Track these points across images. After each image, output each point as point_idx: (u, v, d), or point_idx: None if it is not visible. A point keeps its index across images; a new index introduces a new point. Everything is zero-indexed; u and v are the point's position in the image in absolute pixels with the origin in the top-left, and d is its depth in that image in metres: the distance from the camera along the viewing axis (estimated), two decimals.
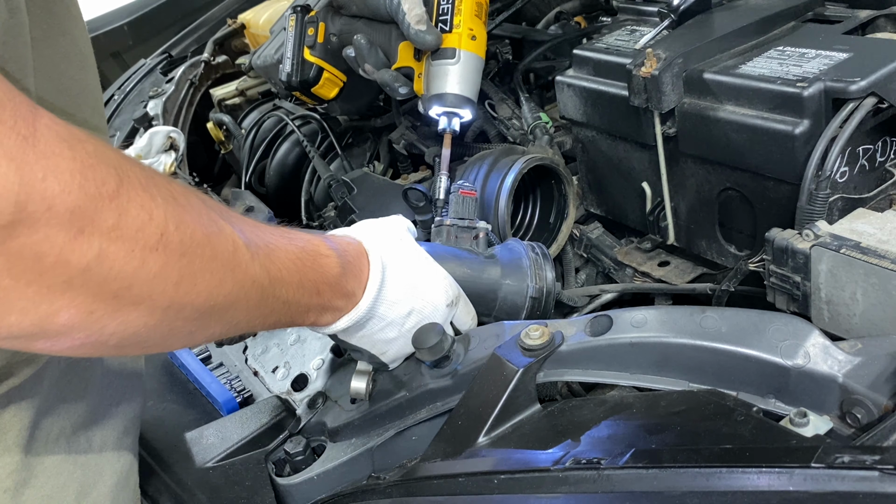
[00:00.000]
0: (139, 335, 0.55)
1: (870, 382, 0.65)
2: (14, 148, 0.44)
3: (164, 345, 0.62)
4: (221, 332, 0.64)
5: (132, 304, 0.53)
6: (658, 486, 0.60)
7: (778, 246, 0.80)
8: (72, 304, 0.49)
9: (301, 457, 0.89)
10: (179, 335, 0.60)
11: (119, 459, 0.80)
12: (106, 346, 0.55)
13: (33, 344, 0.52)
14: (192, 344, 0.66)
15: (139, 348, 0.61)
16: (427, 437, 0.81)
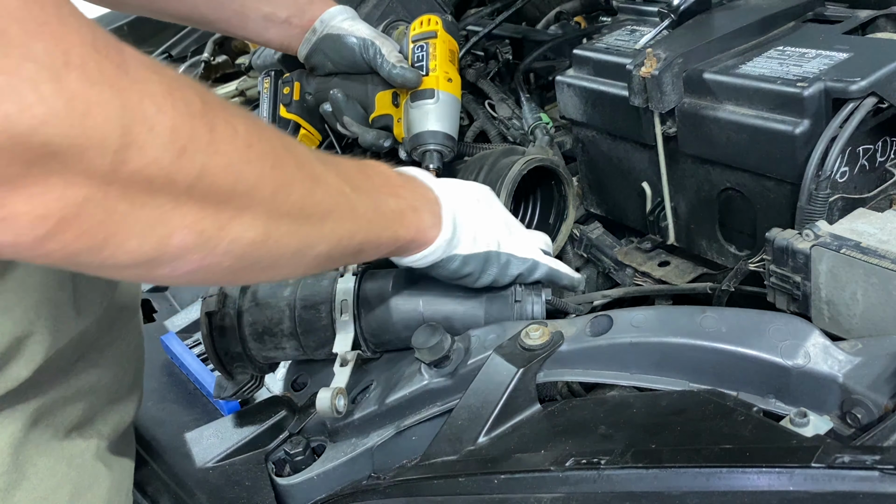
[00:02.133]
0: (248, 254, 0.57)
1: (870, 382, 0.65)
2: (112, 76, 0.45)
3: (275, 266, 0.63)
4: (327, 250, 0.66)
5: (237, 216, 0.55)
6: (658, 486, 0.60)
7: (778, 246, 0.80)
8: (183, 223, 0.51)
9: (301, 457, 0.89)
10: (286, 253, 0.62)
11: (114, 463, 0.79)
12: (221, 269, 0.57)
13: (154, 271, 0.53)
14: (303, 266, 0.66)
15: (253, 271, 0.61)
16: (427, 437, 0.81)
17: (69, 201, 0.45)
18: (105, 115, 0.45)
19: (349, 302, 0.92)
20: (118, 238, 0.49)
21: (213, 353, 0.95)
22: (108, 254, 0.49)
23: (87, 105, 0.44)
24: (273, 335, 0.95)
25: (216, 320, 0.95)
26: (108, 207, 0.47)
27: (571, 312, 0.98)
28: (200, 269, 0.55)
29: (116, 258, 0.50)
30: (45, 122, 0.42)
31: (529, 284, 0.93)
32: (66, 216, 0.46)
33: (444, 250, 0.82)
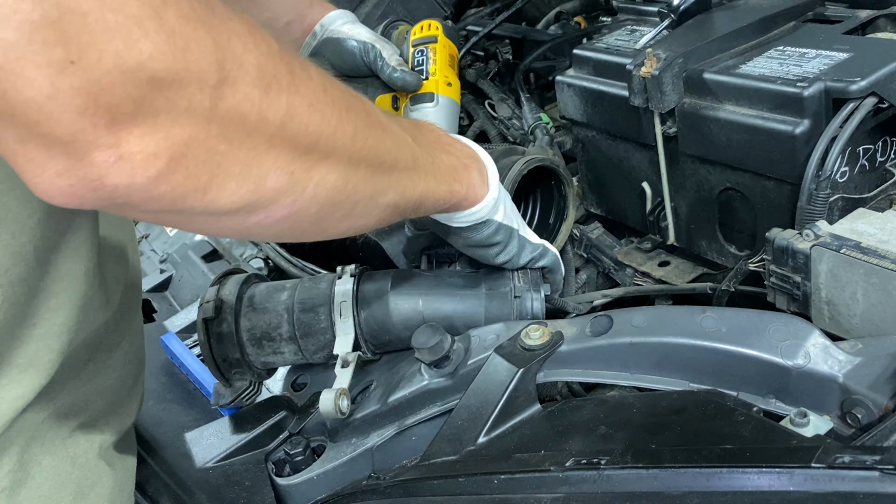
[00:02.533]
0: (331, 199, 0.61)
1: (870, 382, 0.65)
2: (203, 13, 0.48)
3: (352, 214, 0.66)
4: (395, 199, 0.70)
5: (322, 158, 0.58)
6: (658, 486, 0.60)
7: (778, 246, 0.80)
8: (276, 164, 0.54)
9: (301, 457, 0.88)
10: (362, 199, 0.65)
11: (117, 462, 0.79)
12: (307, 217, 0.60)
13: (250, 217, 0.56)
14: (374, 216, 0.69)
15: (333, 219, 0.65)
16: (427, 437, 0.81)
17: (176, 140, 0.48)
18: (201, 51, 0.47)
19: (348, 303, 0.92)
20: (220, 179, 0.51)
21: (210, 360, 0.94)
22: (211, 197, 0.52)
23: (185, 41, 0.46)
24: (271, 340, 0.94)
25: (213, 327, 0.94)
26: (210, 147, 0.50)
27: (570, 311, 0.98)
28: (291, 215, 0.58)
29: (219, 202, 0.52)
30: (151, 58, 0.44)
31: (528, 281, 0.93)
32: (175, 155, 0.48)
33: (490, 211, 0.86)
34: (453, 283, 0.95)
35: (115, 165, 0.46)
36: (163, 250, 1.61)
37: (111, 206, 0.50)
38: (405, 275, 0.98)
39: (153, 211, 0.52)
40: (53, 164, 0.46)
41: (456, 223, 0.87)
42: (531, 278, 0.94)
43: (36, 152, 0.45)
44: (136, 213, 0.54)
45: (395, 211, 0.72)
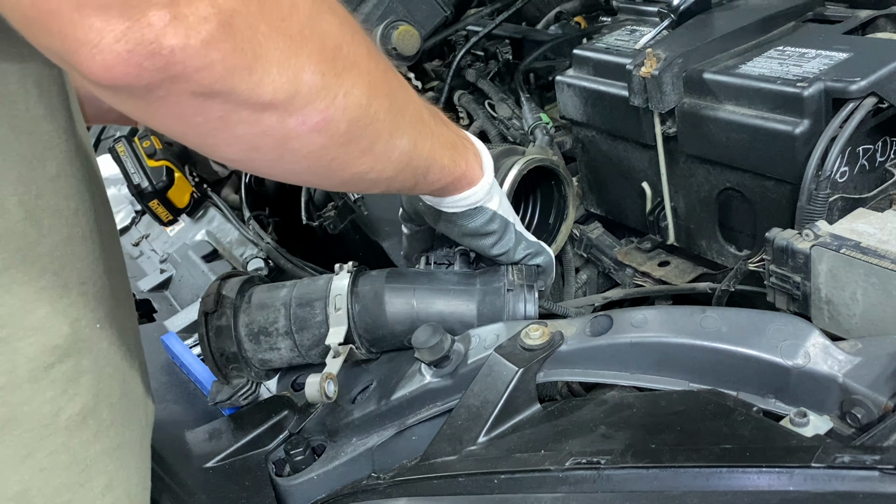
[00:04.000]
0: (359, 118, 0.64)
1: (870, 382, 0.65)
2: None
3: (373, 149, 0.68)
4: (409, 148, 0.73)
5: (346, 69, 0.61)
6: (658, 486, 0.60)
7: (778, 246, 0.80)
8: (309, 59, 0.58)
9: (301, 457, 0.89)
10: (384, 134, 0.69)
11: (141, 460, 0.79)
12: (338, 133, 0.63)
13: (288, 119, 0.59)
14: (392, 160, 0.72)
15: (360, 147, 0.67)
16: (427, 437, 0.81)
17: (223, 8, 0.51)
18: None
19: (343, 297, 0.93)
20: (263, 62, 0.54)
21: (208, 354, 0.95)
22: (256, 79, 0.54)
23: None
24: (268, 335, 0.95)
25: (213, 320, 0.95)
26: (252, 24, 0.53)
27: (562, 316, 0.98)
28: (324, 124, 0.61)
29: (262, 87, 0.55)
30: None
31: (522, 277, 0.93)
32: (223, 22, 0.51)
33: (485, 196, 0.87)
34: (447, 280, 0.95)
35: (170, 25, 0.49)
36: (163, 250, 1.62)
37: (166, 79, 0.51)
38: (401, 271, 0.98)
39: (204, 91, 0.53)
40: (111, 28, 0.48)
41: (452, 208, 0.87)
42: (525, 273, 0.94)
43: (94, 17, 0.47)
44: (185, 100, 0.54)
45: (408, 165, 0.74)
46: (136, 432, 0.77)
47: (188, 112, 0.56)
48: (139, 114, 0.57)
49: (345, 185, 0.72)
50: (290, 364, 0.98)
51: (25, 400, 0.64)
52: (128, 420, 0.76)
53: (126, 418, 0.75)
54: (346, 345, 0.91)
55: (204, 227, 1.61)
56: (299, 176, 0.69)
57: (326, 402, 0.84)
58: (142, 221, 1.79)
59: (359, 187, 0.74)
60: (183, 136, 0.60)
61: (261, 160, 0.63)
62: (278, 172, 0.67)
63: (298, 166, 0.65)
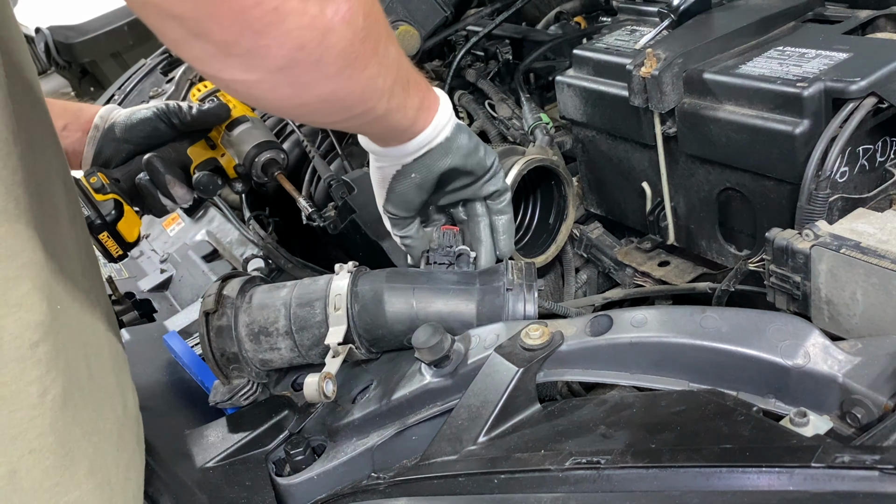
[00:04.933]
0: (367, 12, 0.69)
1: (870, 382, 0.65)
2: None
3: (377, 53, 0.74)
4: (396, 54, 0.79)
5: None
6: (658, 486, 0.60)
7: (778, 246, 0.80)
8: None
9: (301, 457, 0.89)
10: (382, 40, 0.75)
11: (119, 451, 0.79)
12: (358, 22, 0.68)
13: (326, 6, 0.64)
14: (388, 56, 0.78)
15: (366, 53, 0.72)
16: (427, 437, 0.81)
17: None
18: None
19: (343, 296, 0.93)
20: None
21: (209, 354, 0.95)
22: None
23: None
24: (268, 335, 0.95)
25: (213, 320, 0.95)
26: None
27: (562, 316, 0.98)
28: (349, 12, 0.66)
29: None
30: None
31: (522, 276, 0.93)
32: None
33: (451, 115, 0.93)
34: (447, 279, 0.95)
35: None
36: (163, 250, 1.62)
37: None
38: (401, 271, 0.99)
39: None
40: None
41: (432, 140, 0.91)
42: (525, 273, 0.94)
43: None
44: None
45: (398, 73, 0.81)
46: (109, 420, 0.77)
47: (249, 2, 0.60)
48: (199, 14, 0.60)
49: (363, 97, 0.77)
50: (291, 364, 0.98)
51: (13, 379, 0.64)
52: (100, 406, 0.75)
53: (98, 404, 0.75)
54: (346, 344, 0.91)
55: (204, 227, 1.61)
56: (331, 82, 0.72)
57: (325, 401, 0.84)
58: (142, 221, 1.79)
59: (373, 100, 0.79)
60: (237, 38, 0.63)
61: (304, 62, 0.67)
62: (315, 78, 0.71)
63: (332, 67, 0.70)
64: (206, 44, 0.63)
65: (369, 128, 0.90)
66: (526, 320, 0.88)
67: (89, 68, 4.59)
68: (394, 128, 0.89)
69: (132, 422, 0.83)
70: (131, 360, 0.91)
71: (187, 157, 1.22)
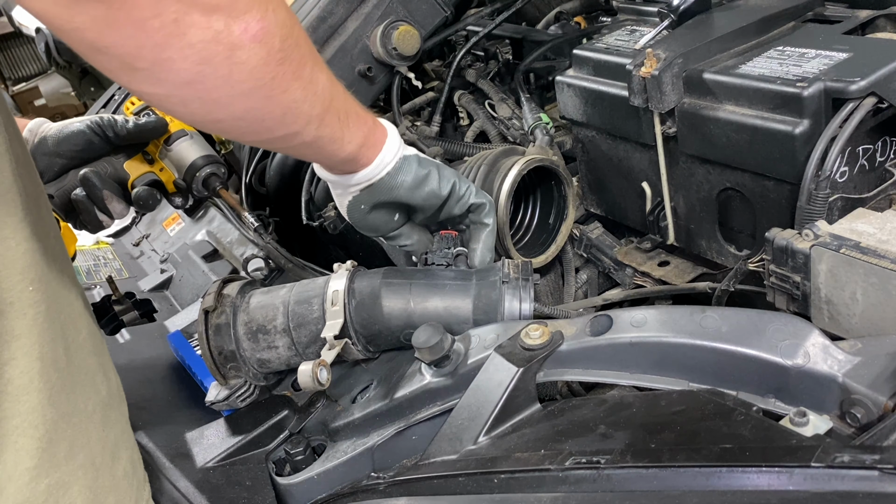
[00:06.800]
0: (285, 35, 0.68)
1: (870, 382, 0.65)
2: None
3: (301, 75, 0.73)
4: (326, 85, 0.77)
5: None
6: (658, 486, 0.60)
7: (778, 246, 0.81)
8: None
9: (301, 456, 0.89)
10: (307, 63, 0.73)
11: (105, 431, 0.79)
12: (273, 49, 0.67)
13: (234, 23, 0.63)
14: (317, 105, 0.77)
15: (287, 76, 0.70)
16: (427, 436, 0.81)
17: None
18: None
19: (340, 293, 0.93)
20: None
21: (207, 352, 0.95)
22: None
23: None
24: (266, 332, 0.95)
25: (213, 318, 0.96)
26: None
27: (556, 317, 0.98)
28: (262, 34, 0.65)
29: None
30: None
31: (518, 272, 0.94)
32: None
33: (398, 148, 0.92)
34: (444, 276, 0.96)
35: None
36: (163, 250, 1.62)
37: None
38: (398, 269, 0.99)
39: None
40: None
41: (378, 173, 0.91)
42: (521, 269, 0.94)
43: None
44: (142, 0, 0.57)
45: (331, 103, 0.79)
46: (92, 401, 0.77)
47: (146, 14, 0.58)
48: (97, 25, 0.58)
49: (284, 119, 0.74)
50: (289, 365, 0.98)
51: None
52: (80, 387, 0.75)
53: (77, 385, 0.75)
54: (342, 338, 0.91)
55: (204, 227, 1.61)
56: (245, 99, 0.70)
57: (319, 388, 0.84)
58: (142, 221, 1.79)
59: (296, 125, 0.76)
60: (138, 50, 0.61)
61: (211, 77, 0.65)
62: (224, 95, 0.68)
63: (245, 85, 0.67)
64: (109, 57, 0.62)
65: (300, 152, 0.89)
66: (525, 320, 0.88)
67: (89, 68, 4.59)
68: (330, 157, 0.88)
69: (117, 401, 0.83)
70: (131, 360, 0.91)
71: (124, 171, 1.22)
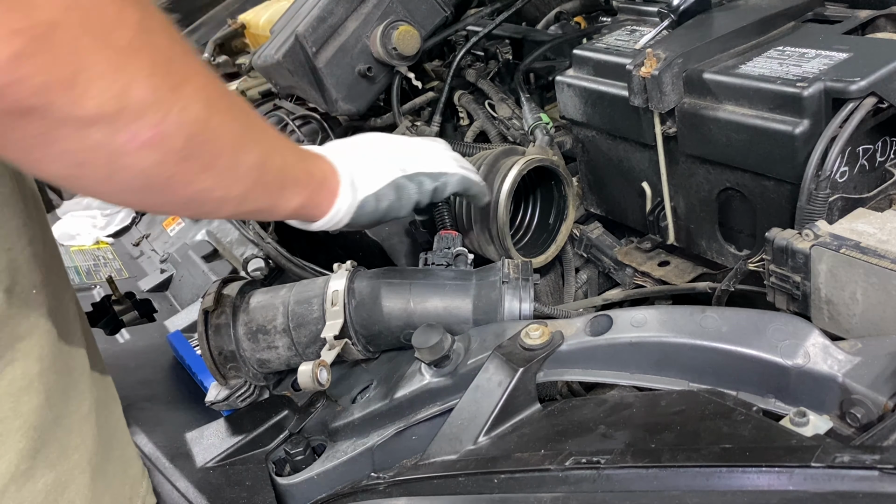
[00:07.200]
0: (196, 133, 0.61)
1: (870, 382, 0.65)
2: None
3: (214, 165, 0.65)
4: (258, 161, 0.70)
5: (182, 82, 0.59)
6: (658, 486, 0.60)
7: (778, 246, 0.81)
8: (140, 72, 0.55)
9: (301, 456, 0.89)
10: (227, 148, 0.65)
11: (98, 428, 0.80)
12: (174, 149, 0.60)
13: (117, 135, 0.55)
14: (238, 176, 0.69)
15: (200, 163, 0.64)
16: (427, 436, 0.81)
17: (38, 20, 0.48)
18: None
19: (340, 293, 0.93)
20: (86, 75, 0.51)
21: (206, 351, 0.95)
22: (78, 93, 0.51)
23: None
24: (266, 332, 0.95)
25: (213, 318, 0.96)
26: (74, 36, 0.50)
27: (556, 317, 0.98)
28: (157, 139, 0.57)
29: (85, 100, 0.52)
30: None
31: (518, 271, 0.94)
32: (37, 35, 0.48)
33: (353, 196, 0.85)
34: (444, 276, 0.96)
35: None
36: (163, 250, 1.62)
37: None
38: (398, 269, 0.99)
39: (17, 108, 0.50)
40: None
41: (333, 223, 0.86)
42: (522, 269, 0.94)
43: None
44: None
45: (259, 180, 0.71)
46: (86, 402, 0.77)
47: (3, 129, 0.52)
48: None
49: (189, 205, 0.69)
50: (288, 365, 0.98)
51: None
52: (75, 388, 0.75)
53: (73, 386, 0.75)
54: (342, 338, 0.91)
55: (204, 227, 1.61)
56: (135, 195, 0.65)
57: (319, 388, 0.84)
58: (142, 221, 1.80)
59: (205, 208, 0.70)
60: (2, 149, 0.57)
61: (89, 178, 0.60)
62: (108, 191, 0.63)
63: (132, 184, 0.62)
64: None
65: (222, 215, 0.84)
66: (525, 320, 0.88)
67: None
68: (265, 217, 0.84)
69: (111, 401, 0.83)
70: (131, 360, 0.91)
71: None
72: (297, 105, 1.69)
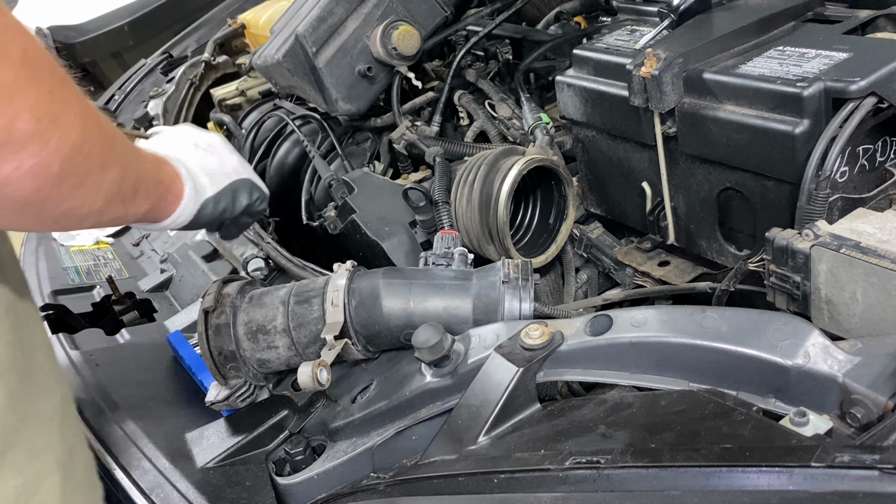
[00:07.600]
0: (71, 157, 0.64)
1: (870, 382, 0.65)
2: None
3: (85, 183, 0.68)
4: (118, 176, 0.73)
5: (63, 110, 0.62)
6: (658, 486, 0.60)
7: (778, 246, 0.80)
8: (23, 107, 0.58)
9: (301, 456, 0.89)
10: (95, 168, 0.68)
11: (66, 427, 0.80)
12: (51, 174, 0.62)
13: (4, 165, 0.58)
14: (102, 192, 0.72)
15: (72, 183, 0.66)
16: (427, 436, 0.81)
17: None
18: None
19: (340, 293, 0.93)
20: None
21: (206, 351, 0.95)
22: None
23: None
24: (266, 332, 0.95)
25: (213, 318, 0.96)
26: None
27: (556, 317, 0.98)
28: (38, 167, 0.60)
29: None
30: None
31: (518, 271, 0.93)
32: None
33: (195, 198, 0.89)
34: (444, 276, 0.96)
35: None
36: (163, 250, 1.61)
37: None
38: (398, 269, 0.99)
39: None
40: None
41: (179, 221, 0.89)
42: (521, 269, 0.94)
43: None
44: None
45: (118, 193, 0.74)
46: (50, 404, 0.77)
47: None
48: None
49: (57, 223, 0.72)
50: (288, 365, 0.98)
51: None
52: (38, 390, 0.75)
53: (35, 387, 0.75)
54: (342, 338, 0.91)
55: None
56: (8, 221, 0.68)
57: (319, 388, 0.84)
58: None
59: (68, 225, 0.73)
60: None
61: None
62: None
63: (9, 211, 0.64)
64: None
65: None
66: (525, 320, 0.88)
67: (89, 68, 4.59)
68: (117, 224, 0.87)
69: (69, 404, 0.84)
70: (132, 360, 0.91)
71: None
72: (297, 105, 1.69)
